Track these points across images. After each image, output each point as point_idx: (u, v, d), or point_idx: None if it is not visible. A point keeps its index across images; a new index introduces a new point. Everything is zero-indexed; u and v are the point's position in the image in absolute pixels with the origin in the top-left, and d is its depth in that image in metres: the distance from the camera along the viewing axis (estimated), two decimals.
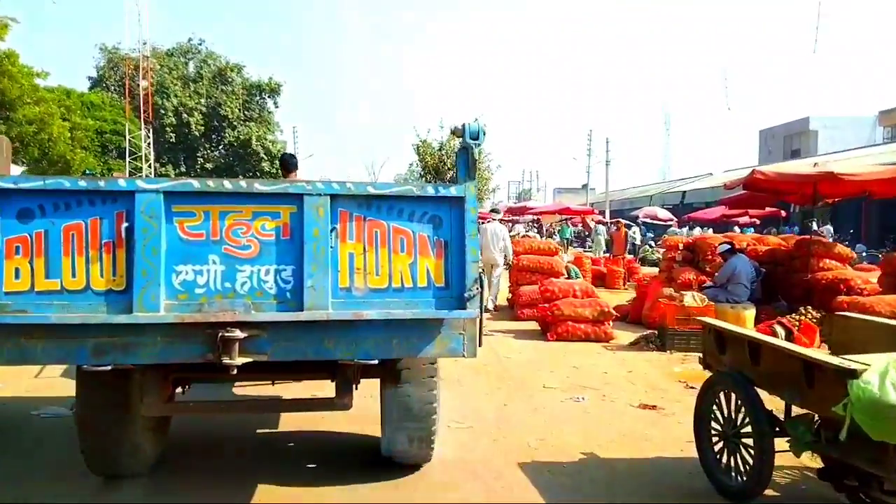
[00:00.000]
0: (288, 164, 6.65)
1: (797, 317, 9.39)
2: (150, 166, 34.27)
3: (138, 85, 34.17)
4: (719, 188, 38.77)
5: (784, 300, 10.65)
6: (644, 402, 6.23)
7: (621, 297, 13.24)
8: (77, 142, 21.43)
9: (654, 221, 29.20)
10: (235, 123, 40.00)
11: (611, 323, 9.42)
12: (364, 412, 4.87)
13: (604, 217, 33.91)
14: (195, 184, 3.42)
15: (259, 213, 3.43)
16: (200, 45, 42.24)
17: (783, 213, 22.29)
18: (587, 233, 31.18)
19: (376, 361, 3.63)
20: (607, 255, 22.28)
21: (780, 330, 7.21)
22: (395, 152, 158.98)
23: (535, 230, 33.33)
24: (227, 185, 3.43)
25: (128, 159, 32.05)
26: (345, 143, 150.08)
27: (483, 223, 17.02)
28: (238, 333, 3.32)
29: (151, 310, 3.30)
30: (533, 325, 10.31)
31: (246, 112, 40.80)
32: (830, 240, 14.81)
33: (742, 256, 10.33)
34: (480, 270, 3.75)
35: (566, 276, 11.75)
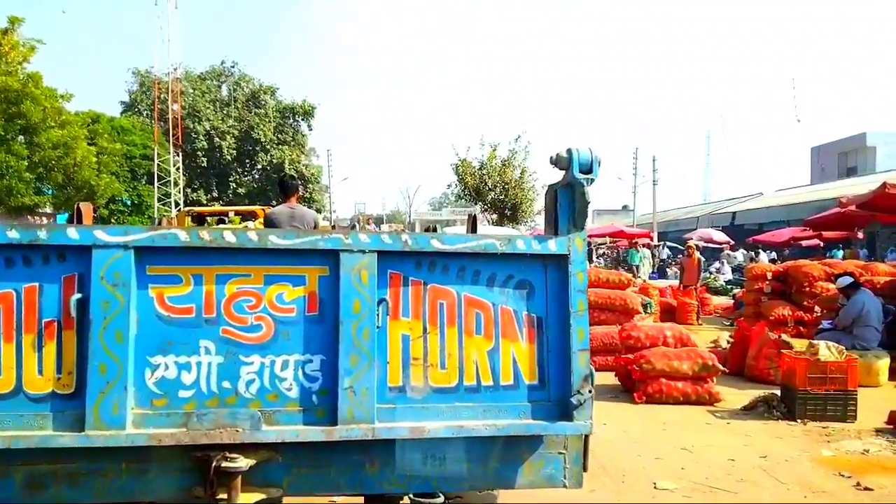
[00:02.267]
0: (287, 186, 6.09)
1: None
2: (179, 191, 33.77)
3: (169, 109, 33.82)
4: (774, 208, 37.40)
5: None
6: None
7: (701, 336, 11.31)
8: (104, 166, 20.79)
9: (710, 244, 27.64)
10: (268, 147, 39.53)
11: (714, 379, 7.60)
12: None
13: (651, 240, 32.33)
14: (181, 235, 2.35)
15: (275, 278, 2.38)
16: (233, 67, 42.05)
17: (860, 234, 20.53)
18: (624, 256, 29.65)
19: (441, 499, 2.58)
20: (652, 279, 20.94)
21: None
22: (431, 173, 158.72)
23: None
24: (229, 237, 2.36)
25: (156, 184, 31.56)
26: (380, 165, 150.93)
27: None
28: (241, 463, 2.27)
29: (113, 425, 2.24)
30: (609, 378, 8.35)
31: (279, 135, 40.31)
32: None
33: (868, 292, 8.83)
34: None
35: (642, 312, 10.37)
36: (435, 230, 5.12)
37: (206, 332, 2.34)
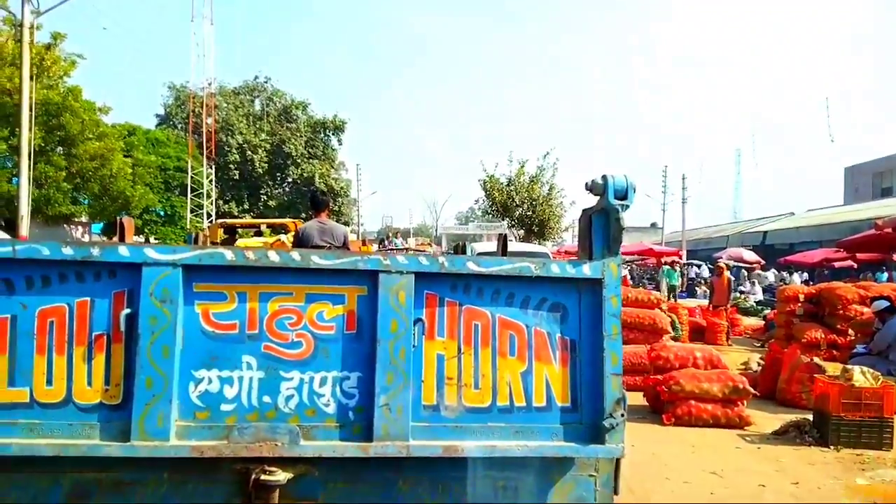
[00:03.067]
0: (318, 202, 6.26)
1: None
2: (212, 203, 34.29)
3: (203, 122, 34.44)
4: (805, 228, 36.86)
5: None
6: None
7: (731, 357, 11.15)
8: (139, 177, 21.21)
9: (740, 264, 27.24)
10: (299, 161, 40.03)
11: (745, 403, 7.46)
12: None
13: (680, 258, 31.98)
14: (227, 255, 2.42)
15: (315, 297, 2.45)
16: (266, 82, 42.72)
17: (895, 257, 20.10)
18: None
19: None
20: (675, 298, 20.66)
21: None
22: (458, 188, 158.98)
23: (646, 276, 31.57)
24: (273, 257, 2.43)
25: (189, 196, 32.08)
26: (408, 179, 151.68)
27: None
28: (280, 476, 2.33)
29: (157, 436, 2.32)
30: (636, 398, 8.17)
31: (310, 150, 40.84)
32: None
33: None
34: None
35: (671, 332, 10.27)
36: (464, 248, 5.21)
37: (248, 347, 2.41)
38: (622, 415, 2.50)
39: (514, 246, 17.51)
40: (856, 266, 22.61)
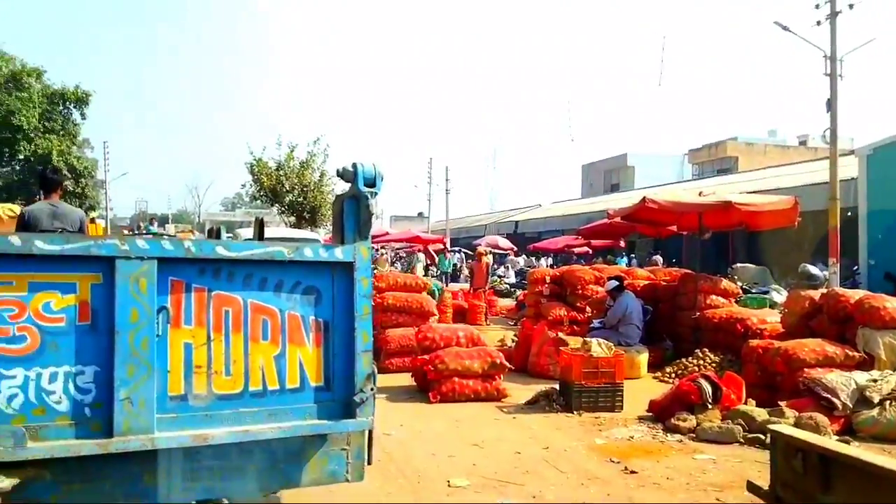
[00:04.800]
0: (48, 181, 5.65)
1: (695, 361, 8.89)
2: None
3: None
4: (551, 218, 40.77)
5: (669, 340, 10.08)
6: None
7: (489, 335, 11.41)
8: None
9: (496, 250, 29.35)
10: (32, 135, 35.06)
11: (502, 377, 8.04)
12: None
13: (445, 245, 33.61)
14: None
15: (41, 286, 2.24)
16: None
17: (622, 243, 22.93)
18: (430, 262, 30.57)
19: (224, 503, 2.55)
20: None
21: (706, 386, 6.64)
22: (222, 172, 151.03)
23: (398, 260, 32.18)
24: None
25: None
26: (165, 160, 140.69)
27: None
28: (5, 482, 2.12)
29: None
30: (405, 379, 8.65)
31: (46, 123, 35.93)
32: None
33: (631, 294, 9.62)
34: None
35: (436, 315, 10.73)
36: (219, 233, 5.02)
37: None
38: (372, 389, 2.64)
39: (285, 232, 17.17)
40: (591, 252, 25.51)
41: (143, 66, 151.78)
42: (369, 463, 2.77)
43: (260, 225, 5.00)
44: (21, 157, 35.68)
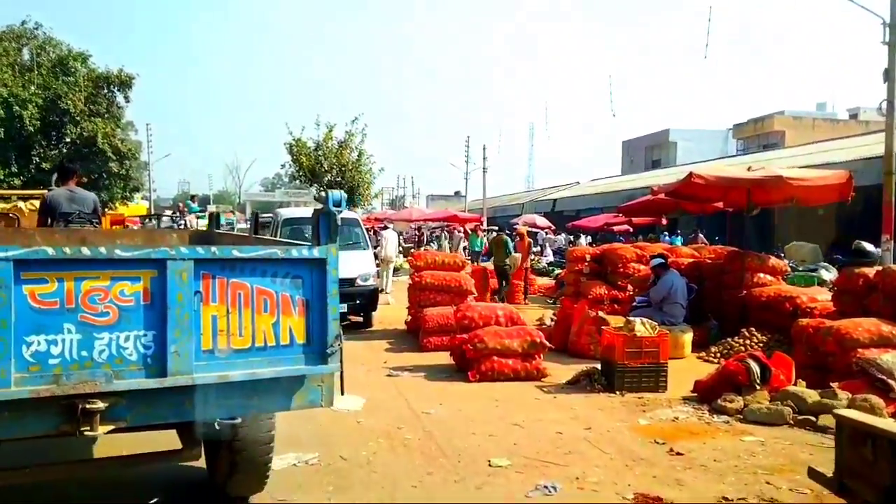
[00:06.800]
0: (66, 170, 6.91)
1: (741, 341, 8.81)
2: None
3: None
4: (590, 196, 40.34)
5: (715, 319, 9.96)
6: (640, 492, 4.55)
7: (528, 314, 11.72)
8: None
9: (534, 229, 29.18)
10: (78, 119, 35.83)
11: (542, 356, 8.03)
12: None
13: (482, 224, 33.50)
14: (49, 251, 3.16)
15: (118, 279, 3.26)
16: (37, 28, 37.62)
17: (664, 221, 22.45)
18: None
19: (239, 419, 3.70)
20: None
21: (754, 366, 6.54)
22: (263, 153, 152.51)
23: (435, 239, 32.21)
24: (85, 251, 3.24)
25: None
26: (207, 141, 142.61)
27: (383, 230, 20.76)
28: (100, 404, 3.19)
29: (1, 386, 3.05)
30: (444, 358, 8.74)
31: (91, 107, 36.64)
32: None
33: (675, 272, 9.55)
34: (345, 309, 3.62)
35: (474, 294, 10.79)
36: (257, 218, 6.28)
37: (67, 318, 3.13)
38: (339, 345, 3.60)
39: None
40: (632, 230, 25.11)
41: (187, 48, 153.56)
42: (342, 394, 3.84)
43: (255, 219, 6.12)
44: (67, 139, 36.55)
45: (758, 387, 6.45)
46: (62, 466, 4.34)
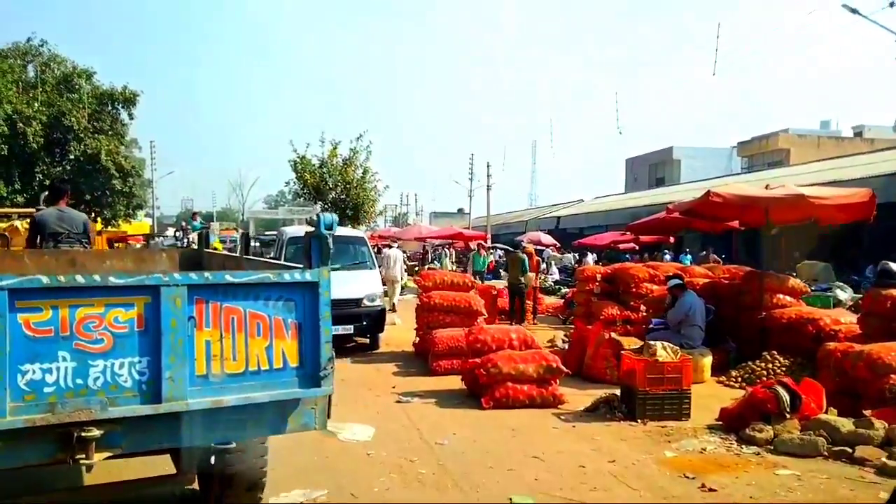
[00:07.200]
0: (56, 190, 7.00)
1: (763, 365, 8.46)
2: None
3: None
4: (593, 214, 40.11)
5: (732, 342, 9.61)
6: None
7: (538, 336, 11.30)
8: None
9: (539, 247, 28.92)
10: (82, 136, 35.80)
11: (558, 381, 7.63)
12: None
13: (486, 241, 33.23)
14: (44, 279, 3.16)
15: (112, 305, 3.25)
16: (42, 46, 37.68)
17: (672, 239, 22.16)
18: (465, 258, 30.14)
19: (233, 444, 3.64)
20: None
21: (783, 393, 6.22)
22: (266, 170, 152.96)
23: (438, 257, 31.90)
24: (80, 279, 3.23)
25: None
26: (211, 158, 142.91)
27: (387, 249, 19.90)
28: (95, 432, 3.16)
29: None
30: (454, 382, 8.31)
31: (95, 124, 36.64)
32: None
33: (693, 293, 9.22)
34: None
35: (484, 315, 10.48)
36: (208, 238, 6.23)
37: (62, 346, 3.12)
38: (331, 367, 3.58)
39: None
40: (637, 248, 24.78)
41: (190, 66, 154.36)
42: (328, 417, 3.76)
43: (245, 239, 6.22)
44: (71, 156, 36.47)
45: (787, 415, 6.13)
46: (56, 494, 4.27)
